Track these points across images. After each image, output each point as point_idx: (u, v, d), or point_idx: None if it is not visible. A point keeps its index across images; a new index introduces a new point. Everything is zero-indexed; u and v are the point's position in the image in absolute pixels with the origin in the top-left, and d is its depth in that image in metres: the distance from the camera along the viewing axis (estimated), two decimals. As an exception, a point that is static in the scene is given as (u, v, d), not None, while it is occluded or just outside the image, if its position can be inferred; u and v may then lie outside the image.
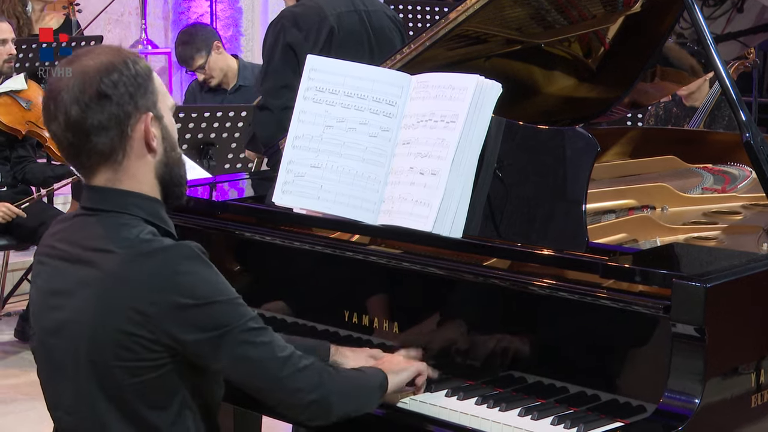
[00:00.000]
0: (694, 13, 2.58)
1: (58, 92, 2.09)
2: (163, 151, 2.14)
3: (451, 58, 2.96)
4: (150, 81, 2.13)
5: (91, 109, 2.06)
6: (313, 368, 2.16)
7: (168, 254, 2.06)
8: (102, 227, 2.11)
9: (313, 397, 2.14)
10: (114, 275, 2.05)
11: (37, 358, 2.23)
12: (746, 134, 2.44)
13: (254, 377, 2.12)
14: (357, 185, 2.54)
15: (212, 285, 2.07)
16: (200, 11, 8.19)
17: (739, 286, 2.14)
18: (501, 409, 2.23)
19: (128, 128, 2.09)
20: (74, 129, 2.08)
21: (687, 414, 2.03)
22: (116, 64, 2.09)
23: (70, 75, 2.09)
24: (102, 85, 2.06)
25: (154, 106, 2.12)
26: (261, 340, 2.10)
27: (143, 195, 2.13)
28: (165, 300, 2.03)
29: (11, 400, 4.65)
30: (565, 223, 2.33)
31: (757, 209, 2.96)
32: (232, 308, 2.08)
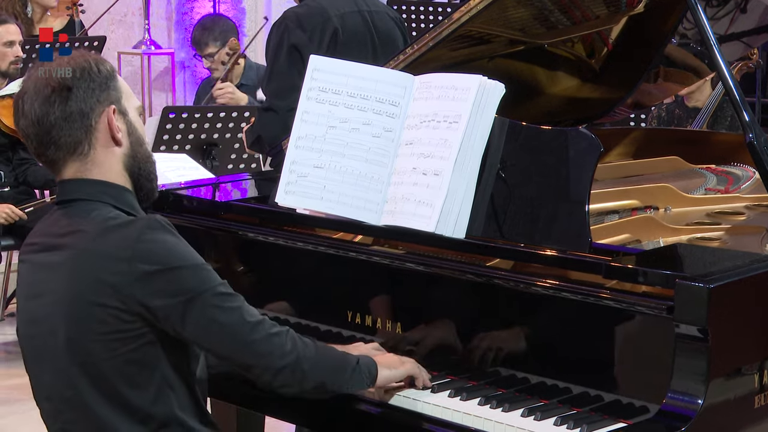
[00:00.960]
0: (697, 13, 2.58)
1: (24, 92, 2.19)
2: (129, 144, 2.21)
3: (455, 59, 2.96)
4: (113, 79, 2.21)
5: (53, 103, 2.15)
6: (286, 334, 2.18)
7: (132, 226, 2.12)
8: (72, 214, 2.18)
9: (285, 362, 2.16)
10: (83, 251, 2.11)
11: (23, 352, 2.28)
12: (749, 135, 2.44)
13: (223, 342, 2.14)
14: (360, 186, 2.54)
15: (176, 251, 2.11)
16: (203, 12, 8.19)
17: (742, 286, 2.13)
18: (504, 409, 2.23)
19: (92, 120, 2.17)
20: (39, 123, 2.17)
21: (690, 415, 2.03)
22: (79, 63, 2.18)
23: (36, 75, 2.19)
24: (64, 81, 2.15)
25: (118, 101, 2.20)
26: (229, 305, 2.13)
27: (111, 183, 2.20)
28: (131, 269, 2.07)
29: (15, 400, 4.65)
30: (569, 224, 2.33)
31: (760, 210, 2.95)
32: (198, 273, 2.12)
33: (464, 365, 2.40)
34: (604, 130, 3.62)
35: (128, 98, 2.23)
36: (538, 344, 2.32)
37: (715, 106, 5.06)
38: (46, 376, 2.19)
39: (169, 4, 8.33)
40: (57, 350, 2.14)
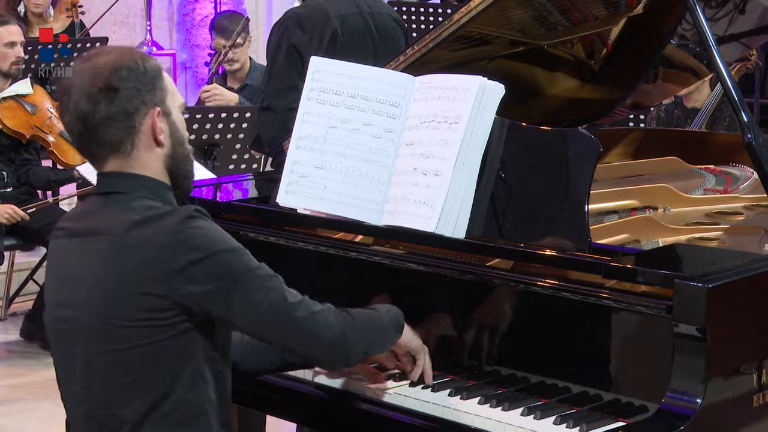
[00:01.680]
0: (696, 14, 2.58)
1: (70, 86, 2.17)
2: (170, 144, 2.21)
3: (455, 60, 2.96)
4: (159, 78, 2.20)
5: (99, 102, 2.14)
6: (328, 310, 2.20)
7: (172, 215, 2.13)
8: (111, 204, 2.19)
9: (331, 335, 2.18)
10: (122, 240, 2.11)
11: (50, 335, 2.27)
12: (748, 135, 2.44)
13: (268, 321, 2.15)
14: (360, 186, 2.54)
15: (216, 237, 2.13)
16: (205, 13, 8.20)
17: (740, 286, 2.14)
18: (504, 408, 2.24)
19: (136, 121, 2.17)
20: (84, 120, 2.16)
21: (689, 414, 2.03)
22: (126, 61, 2.17)
23: (83, 70, 2.17)
24: (111, 80, 2.14)
25: (162, 102, 2.19)
26: (271, 285, 2.15)
27: (150, 178, 2.20)
28: (173, 257, 2.08)
29: (17, 399, 4.65)
30: (568, 224, 2.33)
31: (758, 210, 2.95)
32: (238, 257, 2.13)
33: (464, 364, 2.40)
34: (603, 131, 3.62)
35: (173, 97, 2.22)
36: (537, 344, 2.32)
37: (713, 107, 5.06)
38: (75, 360, 2.18)
39: (171, 5, 8.34)
40: (89, 336, 2.14)
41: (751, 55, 5.18)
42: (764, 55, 7.56)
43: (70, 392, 2.23)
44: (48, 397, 4.54)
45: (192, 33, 8.30)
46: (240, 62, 5.95)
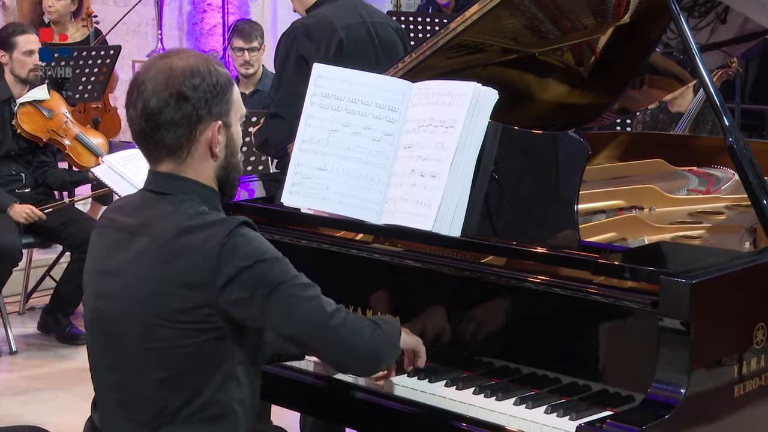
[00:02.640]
0: (680, 23, 2.58)
1: (142, 81, 2.14)
2: (224, 156, 2.20)
3: (451, 67, 2.96)
4: (229, 91, 2.18)
5: (167, 105, 2.12)
6: (361, 320, 2.19)
7: (220, 224, 2.11)
8: (161, 204, 2.16)
9: (366, 346, 2.17)
10: (170, 245, 2.09)
11: (87, 322, 2.24)
12: (729, 138, 2.44)
13: (306, 330, 2.13)
14: (361, 187, 2.54)
15: (260, 247, 2.11)
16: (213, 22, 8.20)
17: (722, 282, 2.13)
18: (497, 398, 2.23)
19: (197, 131, 2.15)
20: (147, 119, 2.13)
21: (674, 403, 2.03)
22: (201, 70, 2.14)
23: (159, 70, 2.14)
24: (183, 87, 2.12)
25: (227, 114, 2.18)
26: (309, 294, 2.13)
27: (202, 183, 2.19)
28: (219, 265, 2.06)
29: (34, 389, 4.65)
30: (559, 223, 2.32)
31: (739, 210, 2.95)
32: (279, 266, 2.12)
33: (460, 357, 2.40)
34: (592, 134, 3.62)
35: (237, 109, 2.20)
36: (529, 337, 2.32)
37: (696, 112, 5.06)
38: (114, 350, 2.16)
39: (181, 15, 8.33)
40: (130, 330, 2.12)
41: (731, 63, 5.17)
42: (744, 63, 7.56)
43: (103, 379, 2.21)
44: (63, 388, 4.54)
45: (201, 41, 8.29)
46: (255, 67, 6.04)
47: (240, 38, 6.02)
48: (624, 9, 3.02)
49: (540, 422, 2.13)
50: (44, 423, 2.54)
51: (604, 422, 2.04)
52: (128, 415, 2.15)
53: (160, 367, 2.10)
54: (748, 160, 2.42)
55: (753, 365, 2.17)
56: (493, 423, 2.19)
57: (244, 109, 2.26)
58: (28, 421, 3.85)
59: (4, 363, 5.02)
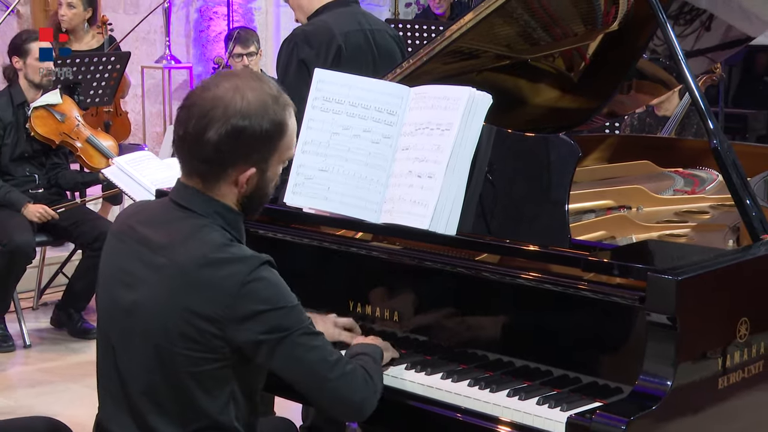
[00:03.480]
0: (666, 31, 2.58)
1: (201, 103, 2.07)
2: (252, 192, 2.14)
3: (447, 72, 2.96)
4: (276, 137, 2.10)
5: (210, 139, 2.06)
6: (356, 373, 2.15)
7: (243, 262, 2.06)
8: (185, 225, 2.11)
9: (354, 400, 2.15)
10: (192, 274, 2.05)
11: (100, 327, 2.21)
12: (714, 141, 2.43)
13: (304, 377, 2.12)
14: (361, 187, 2.53)
15: (279, 292, 2.08)
16: (218, 30, 8.19)
17: (707, 279, 2.13)
18: (491, 390, 2.23)
19: (229, 168, 2.10)
20: (189, 140, 2.08)
21: (660, 395, 2.03)
22: (255, 114, 2.07)
23: (226, 93, 2.06)
24: (235, 126, 2.05)
25: (265, 161, 2.12)
26: (314, 344, 2.10)
27: (227, 206, 2.14)
28: (236, 304, 2.03)
29: (47, 381, 4.65)
30: (550, 222, 2.32)
31: (723, 209, 2.95)
32: (295, 314, 2.09)
33: (455, 351, 2.39)
34: (582, 137, 3.62)
35: (281, 154, 2.13)
36: (522, 331, 2.31)
37: (682, 116, 5.06)
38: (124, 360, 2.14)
39: (188, 23, 8.33)
40: (144, 347, 2.09)
41: (715, 69, 5.18)
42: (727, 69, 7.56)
43: (106, 385, 2.19)
44: (76, 380, 4.54)
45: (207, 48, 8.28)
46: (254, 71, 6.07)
47: (238, 45, 6.14)
48: (613, 17, 3.02)
49: (532, 413, 2.13)
50: (57, 414, 2.53)
51: (593, 413, 2.04)
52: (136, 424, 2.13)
53: (164, 386, 2.08)
54: (732, 161, 2.42)
55: (736, 358, 2.17)
56: (487, 414, 2.19)
57: (293, 151, 2.19)
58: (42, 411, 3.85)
59: (18, 356, 5.01)
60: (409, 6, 9.15)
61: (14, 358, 4.99)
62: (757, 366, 2.22)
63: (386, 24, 3.92)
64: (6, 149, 5.12)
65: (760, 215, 2.38)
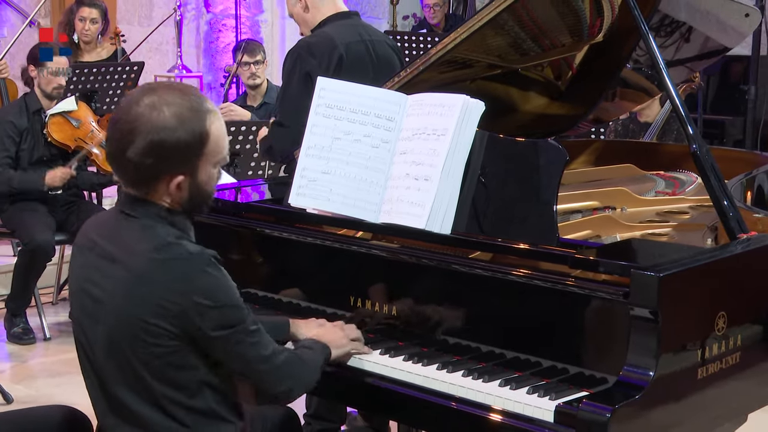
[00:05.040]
0: (648, 42, 2.57)
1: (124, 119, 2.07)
2: (188, 196, 2.12)
3: (442, 80, 2.95)
4: (203, 143, 2.07)
5: (131, 158, 2.06)
6: (287, 364, 2.20)
7: (192, 260, 2.07)
8: (135, 230, 2.11)
9: (284, 387, 2.20)
10: (142, 275, 2.06)
11: (75, 334, 2.24)
12: (693, 145, 2.43)
13: (242, 368, 2.16)
14: (361, 189, 2.53)
15: (227, 290, 2.09)
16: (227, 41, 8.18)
17: (687, 275, 2.13)
18: (484, 380, 2.22)
19: (158, 179, 2.09)
20: (115, 158, 2.10)
21: (643, 385, 2.02)
22: (171, 127, 2.04)
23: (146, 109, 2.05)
24: (148, 143, 2.04)
25: (193, 167, 2.09)
26: (253, 340, 2.14)
27: (167, 207, 2.13)
28: (188, 299, 2.04)
29: (66, 372, 4.64)
30: (539, 221, 2.32)
31: (702, 210, 2.95)
32: (239, 312, 2.11)
33: (450, 343, 2.39)
34: (569, 142, 3.61)
35: (208, 158, 2.10)
36: (513, 325, 2.31)
37: (663, 122, 5.05)
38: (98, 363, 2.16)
39: (198, 34, 8.32)
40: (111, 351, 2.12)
41: (694, 77, 5.17)
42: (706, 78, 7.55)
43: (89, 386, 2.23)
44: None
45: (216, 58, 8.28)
46: (261, 78, 6.12)
47: (246, 54, 6.12)
48: (598, 29, 3.02)
49: (523, 402, 2.13)
50: (75, 403, 2.52)
51: (580, 402, 2.03)
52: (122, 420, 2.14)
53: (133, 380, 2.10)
54: (710, 165, 2.42)
55: (715, 350, 2.17)
56: (480, 402, 2.18)
57: (225, 153, 2.14)
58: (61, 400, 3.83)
59: (39, 348, 5.01)
60: (406, 18, 9.15)
61: (35, 350, 4.99)
62: (733, 357, 2.22)
63: (385, 35, 3.92)
64: (24, 154, 5.12)
65: (737, 215, 2.38)
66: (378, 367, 2.36)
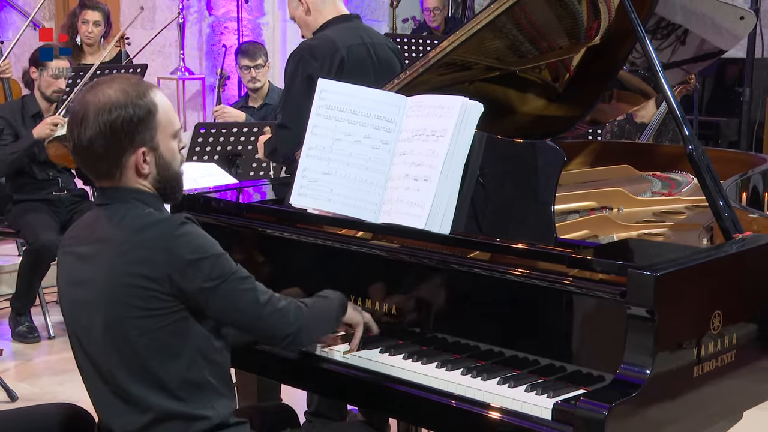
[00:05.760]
0: (645, 44, 2.57)
1: (77, 115, 2.13)
2: (156, 172, 2.16)
3: (441, 82, 2.95)
4: (148, 118, 2.13)
5: (93, 141, 2.11)
6: (288, 308, 2.20)
7: (167, 221, 2.11)
8: (110, 213, 2.16)
9: (288, 331, 2.19)
10: (122, 243, 2.09)
11: (68, 330, 2.24)
12: (689, 147, 2.43)
13: (240, 317, 2.15)
14: (361, 189, 2.53)
15: (207, 242, 2.11)
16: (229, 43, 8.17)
17: (683, 274, 2.12)
18: (483, 378, 2.22)
19: (122, 159, 2.13)
20: (78, 149, 2.14)
21: (640, 383, 2.02)
22: (119, 103, 2.10)
23: (85, 106, 2.12)
24: (101, 124, 2.09)
25: (151, 140, 2.14)
26: (246, 287, 2.14)
27: (140, 190, 2.16)
28: (170, 257, 2.06)
29: (70, 370, 4.59)
30: (537, 222, 2.31)
31: (697, 210, 2.95)
32: (225, 261, 2.12)
33: (449, 342, 2.39)
34: (566, 143, 3.61)
35: (163, 130, 2.15)
36: (511, 323, 2.31)
37: (659, 123, 5.05)
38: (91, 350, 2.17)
39: (201, 37, 8.32)
40: (101, 330, 2.12)
41: (690, 79, 5.17)
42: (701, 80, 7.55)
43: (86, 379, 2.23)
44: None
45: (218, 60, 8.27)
46: (262, 81, 6.05)
47: (246, 58, 6.06)
48: (595, 31, 3.02)
49: (521, 400, 2.12)
50: (79, 400, 2.52)
51: (578, 399, 2.03)
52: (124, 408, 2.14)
53: (130, 355, 2.10)
54: (706, 165, 2.42)
55: (710, 349, 2.17)
56: (479, 400, 2.18)
57: (178, 124, 2.20)
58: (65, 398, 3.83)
59: (43, 346, 5.01)
60: (406, 21, 9.14)
61: (39, 348, 4.99)
62: (729, 356, 2.22)
63: (386, 38, 3.92)
64: None
65: (732, 215, 2.38)
66: (378, 365, 2.36)
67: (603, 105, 3.38)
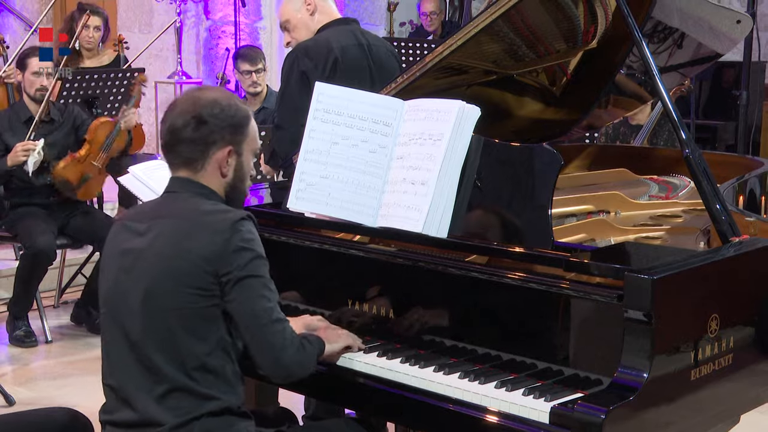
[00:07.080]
0: (642, 48, 2.58)
1: (176, 104, 2.28)
2: (232, 178, 2.30)
3: (438, 86, 2.95)
4: (245, 125, 2.29)
5: (189, 125, 2.23)
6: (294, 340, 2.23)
7: (230, 212, 2.22)
8: (177, 199, 2.27)
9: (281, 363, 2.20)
10: (187, 223, 2.20)
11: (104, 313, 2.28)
12: (686, 150, 2.43)
13: (250, 319, 2.18)
14: (359, 193, 2.53)
15: (257, 242, 2.23)
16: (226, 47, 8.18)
17: (680, 278, 2.13)
18: (480, 382, 2.22)
19: (210, 150, 2.25)
20: (171, 134, 2.25)
21: (637, 386, 2.02)
22: (223, 103, 2.26)
23: (189, 96, 2.29)
24: (204, 112, 2.24)
25: (239, 144, 2.28)
26: (268, 296, 2.20)
27: (213, 191, 2.29)
28: (228, 243, 2.16)
29: (68, 374, 4.63)
30: (534, 225, 2.32)
31: (694, 213, 2.95)
32: (262, 264, 2.21)
33: (446, 345, 2.39)
34: (563, 146, 3.61)
35: (250, 142, 2.30)
36: (508, 327, 2.31)
37: (654, 124, 5.06)
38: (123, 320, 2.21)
39: (198, 41, 8.32)
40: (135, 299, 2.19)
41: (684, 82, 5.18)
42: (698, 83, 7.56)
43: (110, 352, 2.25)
44: (93, 373, 4.48)
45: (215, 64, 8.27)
46: (262, 86, 6.09)
47: (246, 62, 6.05)
48: (592, 35, 3.02)
49: (518, 403, 2.12)
50: (76, 405, 2.52)
51: (575, 403, 2.03)
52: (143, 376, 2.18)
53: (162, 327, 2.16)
54: (703, 169, 2.42)
55: (707, 352, 2.17)
56: (476, 404, 2.18)
57: (259, 144, 2.35)
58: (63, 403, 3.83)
59: (40, 351, 5.00)
60: (403, 25, 9.15)
61: (37, 352, 4.98)
62: (726, 359, 2.22)
63: (383, 39, 3.93)
64: None
65: (729, 219, 2.38)
66: (375, 369, 2.36)
67: (599, 110, 3.37)
